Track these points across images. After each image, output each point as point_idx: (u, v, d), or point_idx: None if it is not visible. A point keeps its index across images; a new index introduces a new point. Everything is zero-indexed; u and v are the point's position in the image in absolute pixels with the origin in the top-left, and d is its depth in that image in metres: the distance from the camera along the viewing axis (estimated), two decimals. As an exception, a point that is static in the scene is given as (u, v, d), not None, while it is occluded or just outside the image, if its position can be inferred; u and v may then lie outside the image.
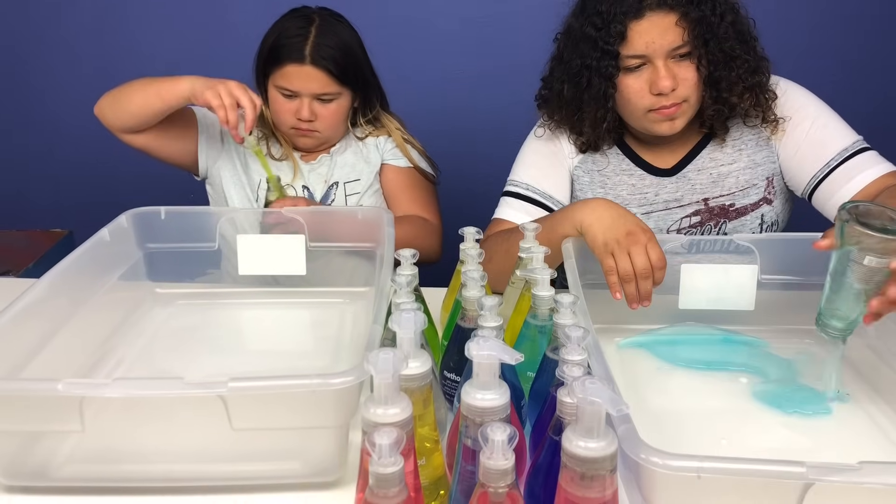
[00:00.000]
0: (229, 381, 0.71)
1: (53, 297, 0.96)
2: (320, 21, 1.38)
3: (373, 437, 0.55)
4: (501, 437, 0.55)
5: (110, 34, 2.17)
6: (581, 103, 1.21)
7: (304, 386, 0.72)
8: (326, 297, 1.25)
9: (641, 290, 0.98)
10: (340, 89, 1.38)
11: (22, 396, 0.73)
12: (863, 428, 0.90)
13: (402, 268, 0.94)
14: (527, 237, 1.01)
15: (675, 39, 1.12)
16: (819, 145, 1.20)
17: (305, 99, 1.37)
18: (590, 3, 1.18)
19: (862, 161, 1.18)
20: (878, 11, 2.10)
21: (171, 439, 0.77)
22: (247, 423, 0.73)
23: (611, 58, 1.15)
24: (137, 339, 1.12)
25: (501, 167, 1.37)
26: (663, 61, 1.13)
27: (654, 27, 1.12)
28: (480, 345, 0.63)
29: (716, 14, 1.14)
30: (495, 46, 2.13)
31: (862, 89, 2.11)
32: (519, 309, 0.95)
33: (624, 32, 1.13)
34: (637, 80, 1.16)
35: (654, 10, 1.12)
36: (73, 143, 2.26)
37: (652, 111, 1.17)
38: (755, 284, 1.08)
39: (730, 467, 0.60)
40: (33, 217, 2.30)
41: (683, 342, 1.08)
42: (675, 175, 1.27)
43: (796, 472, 0.59)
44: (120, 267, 1.17)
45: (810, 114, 1.22)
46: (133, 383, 0.73)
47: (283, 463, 0.80)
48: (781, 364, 1.02)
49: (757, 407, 0.94)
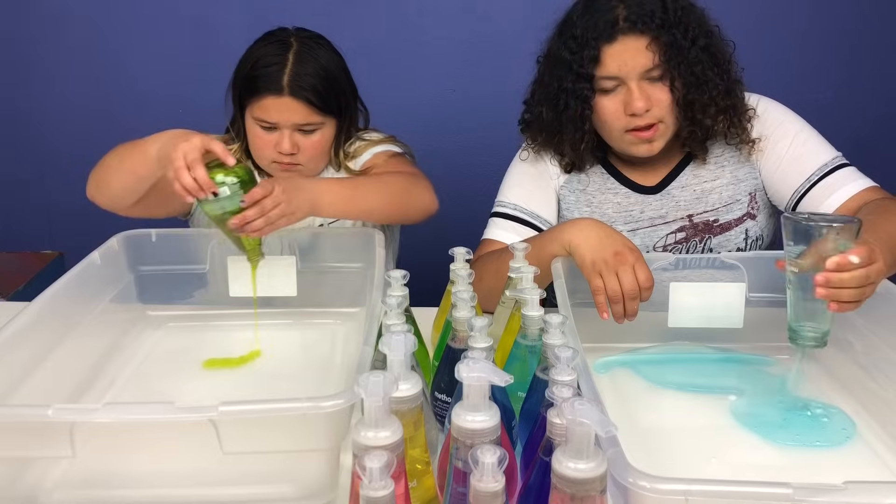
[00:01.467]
0: (220, 404, 0.71)
1: (44, 320, 0.96)
2: (298, 46, 1.29)
3: (363, 460, 0.56)
4: (491, 459, 0.56)
5: (101, 56, 2.18)
6: (560, 125, 1.23)
7: (294, 409, 0.71)
8: (317, 317, 1.26)
9: (628, 310, 1.00)
10: (323, 119, 1.30)
11: (11, 423, 0.73)
12: (851, 445, 0.90)
13: (393, 289, 0.94)
14: (516, 257, 1.01)
15: (646, 62, 1.14)
16: (799, 161, 1.22)
17: (286, 131, 1.28)
18: (565, 28, 1.20)
19: (842, 176, 1.19)
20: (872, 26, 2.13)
21: (162, 463, 0.77)
22: (238, 447, 0.73)
23: (585, 80, 1.17)
24: (129, 361, 1.12)
25: (492, 186, 1.38)
26: (637, 82, 1.15)
27: (627, 50, 1.14)
28: (470, 367, 0.63)
29: (687, 38, 1.15)
30: (484, 67, 2.16)
31: (850, 106, 2.15)
32: (509, 328, 0.95)
33: (597, 56, 1.15)
34: (612, 102, 1.18)
35: (625, 34, 1.14)
36: (64, 164, 2.25)
37: (628, 132, 1.19)
38: (743, 302, 1.09)
39: (717, 489, 0.60)
40: (24, 239, 2.29)
41: (670, 362, 1.09)
42: (660, 192, 1.29)
43: (782, 494, 0.59)
44: (111, 290, 1.17)
45: (790, 131, 1.24)
46: (123, 408, 0.73)
47: (275, 486, 0.80)
48: (772, 385, 1.02)
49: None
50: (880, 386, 0.98)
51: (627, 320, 1.00)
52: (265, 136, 1.29)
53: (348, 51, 1.40)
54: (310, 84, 1.26)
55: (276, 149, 1.29)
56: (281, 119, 1.27)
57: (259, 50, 1.31)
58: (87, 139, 2.22)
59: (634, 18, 1.13)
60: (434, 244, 1.48)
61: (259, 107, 1.27)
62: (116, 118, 2.20)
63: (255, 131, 1.30)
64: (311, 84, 1.27)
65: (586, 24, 1.16)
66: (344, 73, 1.35)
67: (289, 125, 1.28)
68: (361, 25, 2.12)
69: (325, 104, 1.29)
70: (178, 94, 2.16)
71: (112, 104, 2.21)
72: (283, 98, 1.26)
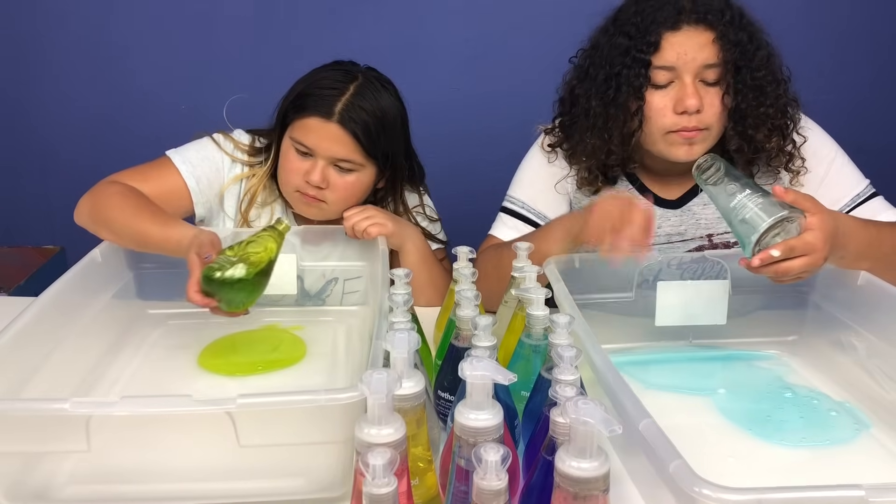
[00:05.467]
0: (238, 396, 0.71)
1: (46, 319, 0.96)
2: (363, 80, 1.22)
3: (366, 457, 0.55)
4: (495, 457, 0.55)
5: (102, 50, 2.18)
6: (608, 118, 1.16)
7: (312, 401, 0.72)
8: (317, 315, 1.26)
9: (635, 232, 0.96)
10: (364, 161, 1.21)
11: (28, 416, 0.73)
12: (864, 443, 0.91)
13: (397, 287, 0.94)
14: (519, 256, 1.01)
15: (708, 56, 1.10)
16: (832, 190, 1.20)
17: (321, 161, 1.20)
18: (623, 15, 1.16)
19: (872, 207, 1.19)
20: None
21: (176, 458, 0.77)
22: (254, 440, 0.74)
23: (641, 66, 1.11)
24: (131, 359, 1.12)
25: (496, 185, 1.37)
26: (692, 79, 1.11)
27: (690, 40, 1.10)
28: (474, 365, 0.63)
29: (752, 43, 1.12)
30: (495, 65, 2.15)
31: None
32: (512, 328, 0.95)
33: (658, 42, 1.10)
34: (662, 98, 1.12)
35: (691, 24, 1.10)
36: (66, 159, 2.26)
37: (672, 132, 1.13)
38: (727, 299, 1.09)
39: (791, 496, 0.60)
40: (25, 234, 2.30)
41: (655, 362, 1.09)
42: (681, 208, 1.25)
43: (856, 496, 0.59)
44: (111, 287, 1.17)
45: (825, 157, 1.22)
46: (141, 401, 0.72)
47: (288, 480, 0.80)
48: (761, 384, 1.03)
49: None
50: (883, 389, 0.98)
51: (639, 256, 0.98)
52: (297, 161, 1.22)
53: (352, 48, 1.39)
54: (362, 118, 1.19)
55: (305, 177, 1.21)
56: (320, 147, 1.20)
57: (322, 72, 1.25)
58: (88, 136, 2.24)
59: (702, 10, 1.10)
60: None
61: (301, 127, 1.21)
62: (117, 112, 2.21)
63: (290, 154, 1.23)
64: (364, 119, 1.19)
65: (648, 9, 1.12)
66: (401, 123, 1.27)
67: (326, 156, 1.21)
68: (366, 23, 2.12)
69: (372, 145, 1.21)
70: (180, 89, 2.16)
71: (113, 98, 2.21)
72: (330, 124, 1.19)
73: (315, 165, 1.21)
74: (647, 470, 0.70)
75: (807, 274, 0.94)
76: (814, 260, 0.91)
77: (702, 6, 1.11)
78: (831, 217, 0.94)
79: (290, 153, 1.22)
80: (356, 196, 1.26)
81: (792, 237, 0.91)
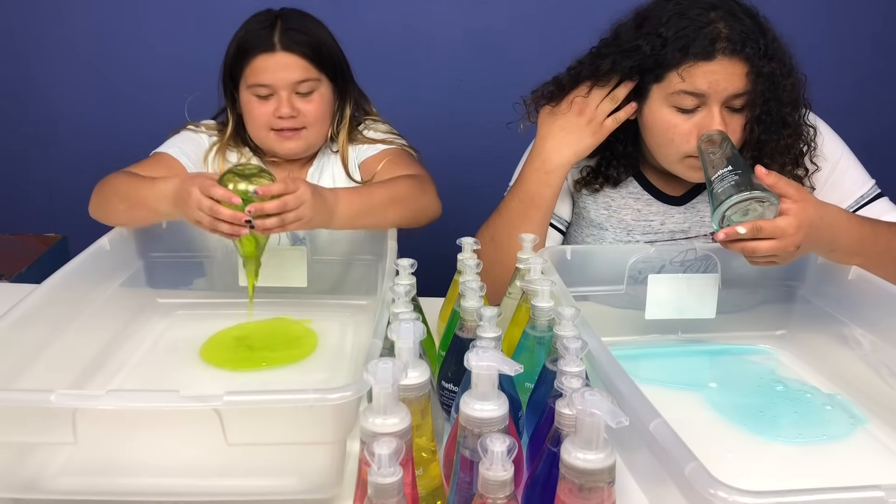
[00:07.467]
0: (224, 394, 0.70)
1: (52, 304, 0.96)
2: (285, 11, 1.31)
3: (372, 446, 0.55)
4: (501, 448, 0.55)
5: (103, 36, 2.17)
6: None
7: (301, 401, 0.70)
8: (326, 307, 1.24)
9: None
10: (319, 75, 1.28)
11: (13, 407, 0.72)
12: (860, 438, 0.91)
13: (401, 277, 0.94)
14: (524, 248, 1.01)
15: (739, 87, 1.07)
16: (836, 191, 1.20)
17: (283, 93, 1.26)
18: (649, 23, 1.11)
19: (877, 209, 1.18)
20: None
21: (166, 453, 0.76)
22: (242, 438, 0.72)
23: (654, 77, 1.11)
24: (137, 348, 1.12)
25: (497, 177, 1.37)
26: (719, 107, 1.08)
27: (724, 70, 1.06)
28: (480, 355, 0.63)
29: (782, 72, 1.09)
30: (499, 56, 2.14)
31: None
32: (516, 320, 0.95)
33: (689, 70, 1.07)
34: (686, 122, 1.10)
35: (726, 55, 1.06)
36: (68, 146, 2.25)
37: (692, 157, 1.11)
38: (716, 293, 1.09)
39: (809, 499, 0.60)
40: (26, 221, 2.29)
41: (644, 357, 1.09)
42: (685, 204, 1.25)
43: (875, 497, 0.59)
44: (120, 275, 1.16)
45: (831, 156, 1.21)
46: (127, 395, 0.71)
47: (279, 478, 0.79)
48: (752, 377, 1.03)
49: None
50: (888, 385, 0.97)
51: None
52: (262, 105, 1.27)
53: (354, 39, 1.40)
54: (301, 39, 1.26)
55: (275, 114, 1.27)
56: (276, 79, 1.25)
57: (246, 24, 1.31)
58: (91, 124, 2.23)
59: (737, 39, 1.06)
60: (437, 233, 1.48)
61: (252, 70, 1.26)
62: (118, 98, 2.20)
63: (252, 103, 1.28)
64: (303, 39, 1.26)
65: (679, 31, 1.07)
66: (332, 40, 1.33)
67: (285, 85, 1.26)
68: (367, 14, 2.11)
69: (319, 58, 1.28)
70: (180, 76, 2.14)
71: (114, 84, 2.20)
72: (276, 54, 1.25)
73: (280, 100, 1.26)
74: (652, 466, 0.70)
75: (779, 259, 0.95)
76: (783, 244, 0.92)
77: (736, 34, 1.06)
78: (815, 207, 0.94)
79: (252, 102, 1.28)
80: (327, 113, 1.32)
81: (764, 219, 0.92)
